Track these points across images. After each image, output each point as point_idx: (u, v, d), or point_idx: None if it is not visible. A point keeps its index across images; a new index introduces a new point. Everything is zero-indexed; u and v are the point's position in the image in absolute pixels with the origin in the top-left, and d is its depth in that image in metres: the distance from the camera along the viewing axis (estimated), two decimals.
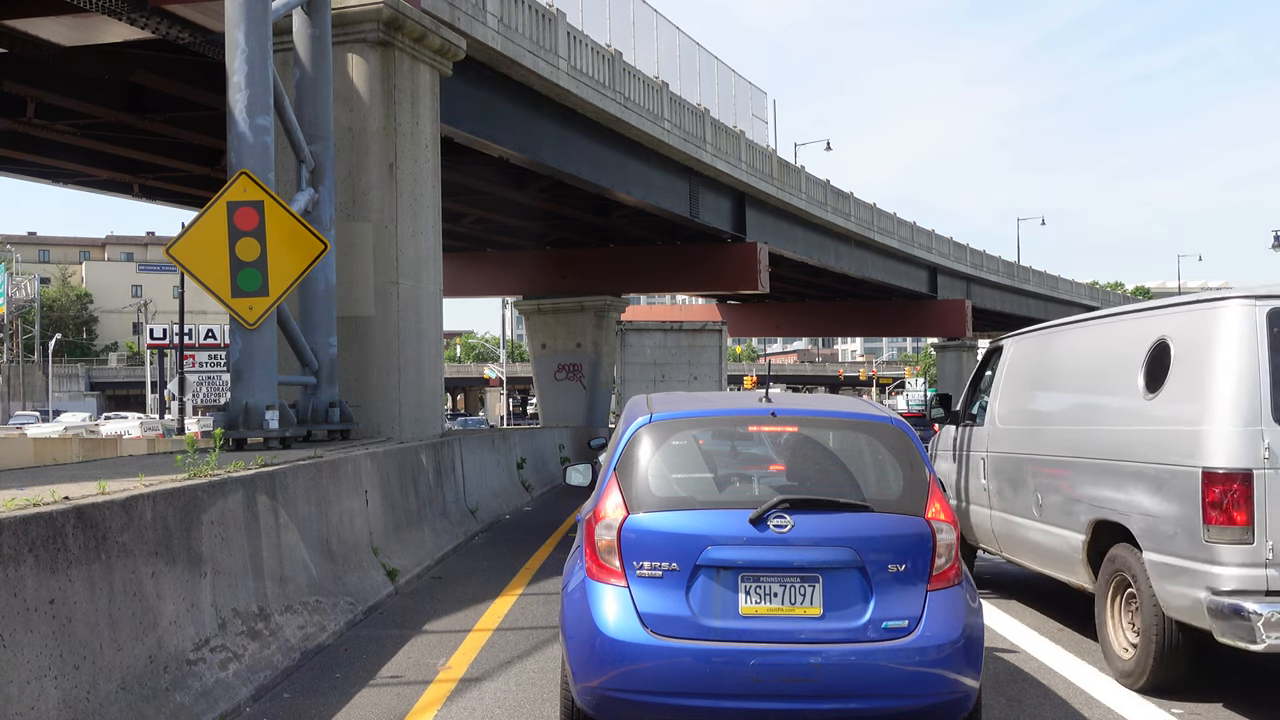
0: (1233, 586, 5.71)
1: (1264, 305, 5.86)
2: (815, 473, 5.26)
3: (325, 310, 12.37)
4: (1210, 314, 6.09)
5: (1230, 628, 5.68)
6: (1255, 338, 5.81)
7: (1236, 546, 5.70)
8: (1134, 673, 6.56)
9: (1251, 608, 5.56)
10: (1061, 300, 65.46)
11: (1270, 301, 5.87)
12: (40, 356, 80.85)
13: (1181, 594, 6.03)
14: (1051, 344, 8.50)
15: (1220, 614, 5.72)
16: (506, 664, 7.09)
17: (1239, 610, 5.60)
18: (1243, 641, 5.64)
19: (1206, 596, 5.81)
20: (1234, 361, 5.84)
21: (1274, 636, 5.51)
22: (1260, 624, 5.52)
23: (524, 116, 19.83)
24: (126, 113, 18.18)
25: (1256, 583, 5.67)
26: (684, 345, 27.97)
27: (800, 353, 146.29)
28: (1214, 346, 5.97)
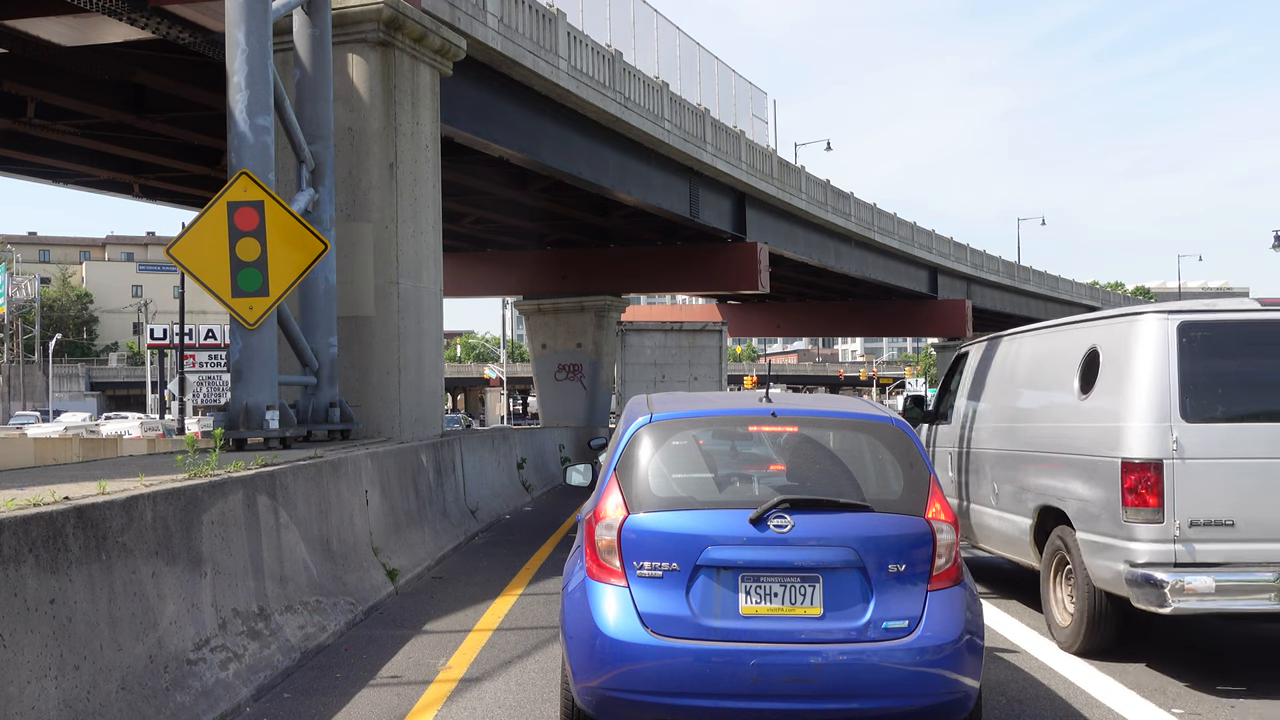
0: (1146, 559, 6.59)
1: (1175, 319, 6.79)
2: (815, 473, 5.26)
3: (325, 310, 12.37)
4: (1131, 325, 7.04)
5: (1144, 594, 6.55)
6: (1167, 347, 6.71)
7: (1150, 525, 6.60)
8: (1071, 639, 7.45)
9: (1161, 577, 6.44)
10: (1062, 300, 65.45)
11: (1180, 315, 6.81)
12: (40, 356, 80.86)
13: (1106, 567, 6.92)
14: (1007, 349, 9.30)
15: (1136, 583, 6.59)
16: (507, 664, 7.09)
17: (1151, 579, 6.49)
18: (1154, 606, 6.51)
19: (1125, 568, 6.69)
20: (1149, 366, 6.75)
21: (1179, 601, 6.38)
22: (1168, 590, 6.40)
23: (524, 116, 19.82)
24: (127, 113, 18.18)
25: (1166, 556, 6.57)
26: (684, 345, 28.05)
27: (800, 353, 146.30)
28: (1133, 354, 6.89)
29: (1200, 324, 6.78)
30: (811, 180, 35.45)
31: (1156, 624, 7.36)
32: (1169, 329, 6.75)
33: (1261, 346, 6.83)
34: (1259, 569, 6.47)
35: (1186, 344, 6.71)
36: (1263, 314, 6.87)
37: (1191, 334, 6.75)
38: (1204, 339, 6.76)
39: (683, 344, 28.16)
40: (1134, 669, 7.09)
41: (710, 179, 28.47)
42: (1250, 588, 6.44)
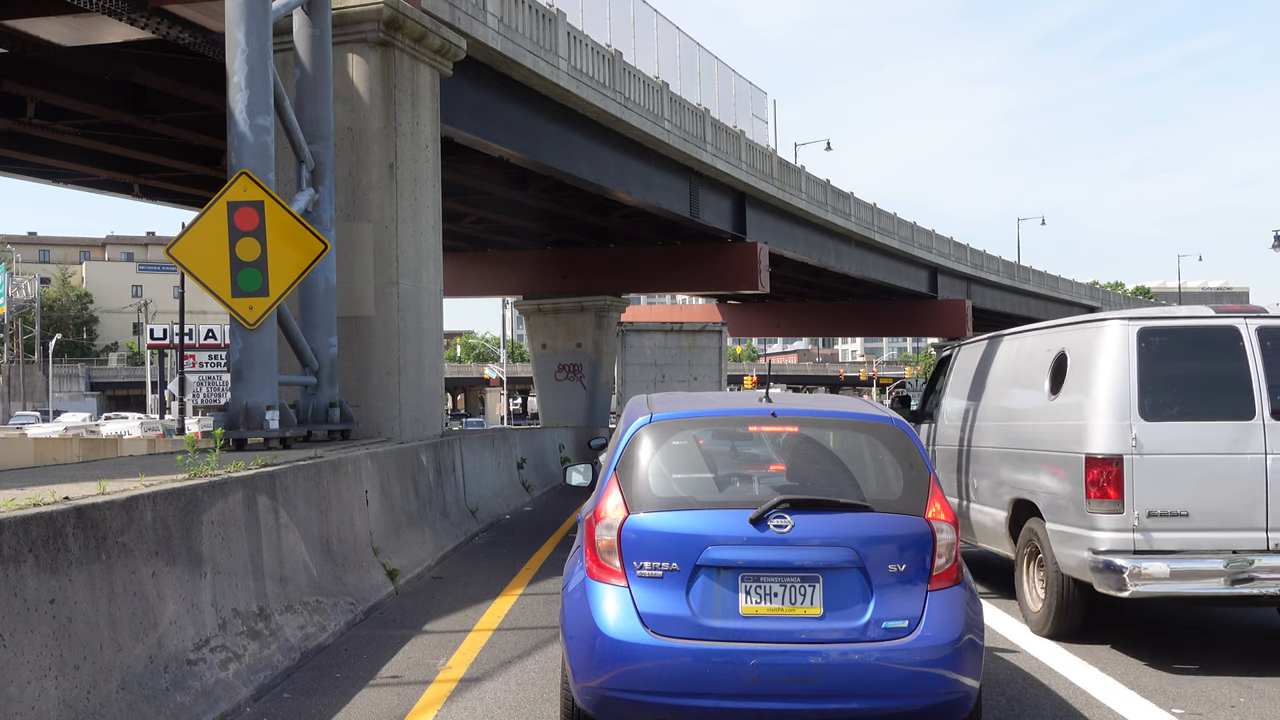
0: (1108, 547, 7.12)
1: (1135, 325, 7.36)
2: (815, 473, 5.26)
3: (325, 310, 12.36)
4: (1095, 331, 7.58)
5: (1105, 580, 7.07)
6: (1128, 351, 7.27)
7: (1111, 516, 7.12)
8: (1041, 623, 7.98)
9: (1120, 563, 6.98)
10: (1062, 300, 65.44)
11: (1140, 322, 7.39)
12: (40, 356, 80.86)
13: (1072, 555, 7.44)
14: (987, 352, 9.82)
15: (1098, 569, 7.12)
16: (507, 664, 7.09)
17: (1111, 566, 7.03)
18: (1114, 590, 7.04)
19: (1089, 556, 7.21)
20: (1111, 369, 7.29)
21: (1137, 586, 6.92)
22: (1127, 576, 6.94)
23: (524, 116, 19.82)
24: (127, 113, 18.18)
25: (1126, 544, 7.08)
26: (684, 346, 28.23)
27: (800, 353, 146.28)
28: (1097, 357, 7.43)
29: (1158, 330, 7.35)
30: (811, 180, 35.44)
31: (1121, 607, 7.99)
32: (1130, 334, 7.32)
33: (1214, 351, 7.33)
34: (1210, 556, 7.01)
35: (1146, 348, 7.28)
36: (1216, 320, 7.43)
37: (1150, 339, 7.32)
38: (1162, 344, 7.33)
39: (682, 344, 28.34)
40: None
41: (710, 179, 28.46)
42: (1202, 573, 6.98)
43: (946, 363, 10.99)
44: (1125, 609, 8.17)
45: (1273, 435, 7.12)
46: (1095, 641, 7.82)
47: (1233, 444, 7.12)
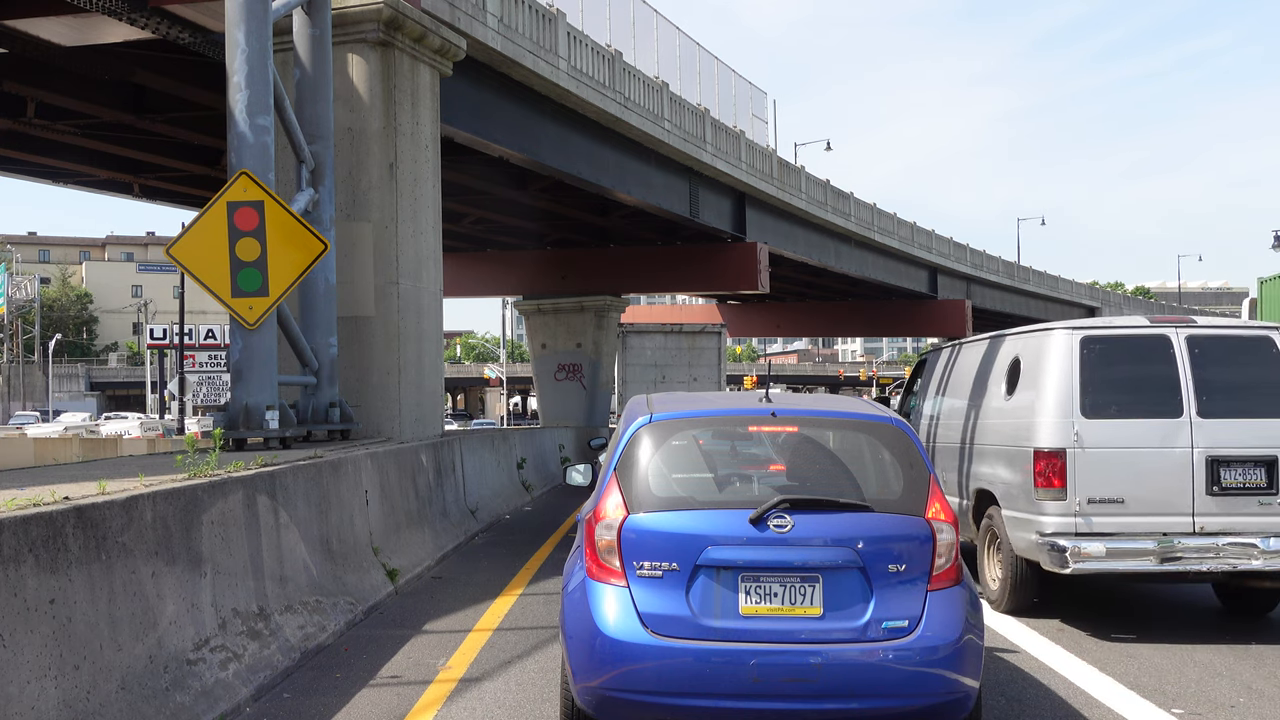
0: (1053, 530, 7.97)
1: (1078, 334, 8.24)
2: (815, 473, 5.26)
3: (325, 310, 12.36)
4: (1044, 339, 8.47)
5: (1051, 559, 7.92)
6: (1071, 357, 8.14)
7: (1055, 502, 7.98)
8: (999, 599, 8.84)
9: (1063, 544, 7.83)
10: (1061, 300, 65.41)
11: (1083, 331, 8.27)
12: (40, 356, 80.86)
13: (1023, 537, 8.30)
14: (955, 358, 10.78)
15: (1045, 550, 7.97)
16: (506, 664, 7.09)
17: (1055, 546, 7.87)
18: (1059, 568, 7.88)
19: (1036, 538, 8.06)
20: (1056, 373, 8.15)
21: (1078, 564, 7.77)
22: (1069, 555, 7.78)
23: (524, 116, 19.81)
24: (127, 113, 18.17)
25: (1069, 527, 7.94)
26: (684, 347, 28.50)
27: (800, 353, 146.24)
28: (1045, 362, 8.30)
29: (1098, 338, 8.25)
30: (811, 180, 35.43)
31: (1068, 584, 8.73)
32: (1073, 342, 8.21)
33: (1148, 356, 8.20)
34: (1142, 538, 7.86)
35: (1087, 355, 8.15)
36: (1149, 330, 8.31)
37: (1091, 346, 8.20)
38: (1101, 350, 8.20)
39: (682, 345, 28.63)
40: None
41: (710, 179, 28.45)
42: (1134, 553, 7.83)
43: (922, 366, 12.07)
44: (1073, 586, 8.95)
45: (1199, 431, 7.98)
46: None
47: (1163, 439, 7.98)
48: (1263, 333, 8.33)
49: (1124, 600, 9.58)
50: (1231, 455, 7.95)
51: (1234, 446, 7.97)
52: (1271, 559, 7.76)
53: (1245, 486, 7.94)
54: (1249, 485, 7.94)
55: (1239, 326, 8.56)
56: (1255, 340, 8.27)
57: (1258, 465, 7.95)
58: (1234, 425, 8.00)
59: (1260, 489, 7.94)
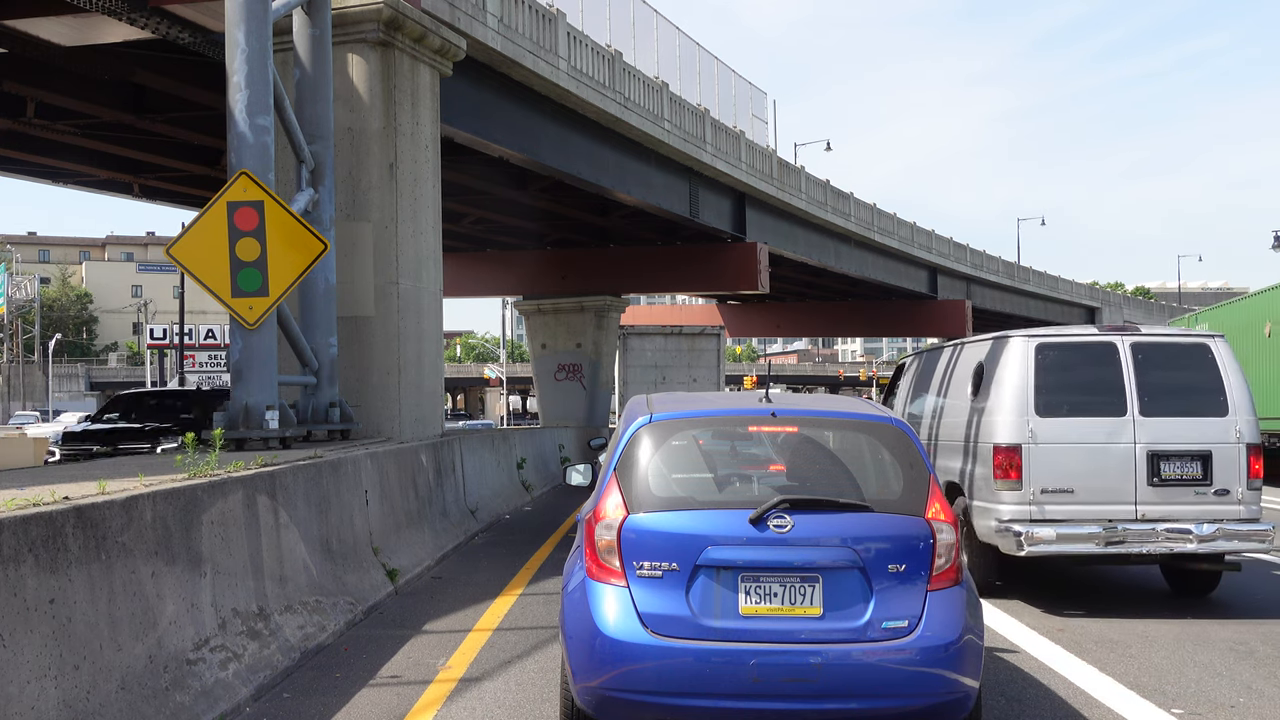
0: (1010, 517, 8.84)
1: (1034, 340, 9.15)
2: (815, 473, 5.26)
3: (325, 310, 12.36)
4: (1003, 345, 9.32)
5: (1008, 543, 8.80)
6: (1027, 362, 9.02)
7: (1012, 492, 8.85)
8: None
9: (1018, 529, 8.71)
10: (1061, 300, 65.41)
11: (1038, 338, 9.18)
12: (40, 356, 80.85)
13: (985, 524, 9.14)
14: (930, 363, 11.63)
15: (1002, 534, 8.86)
16: (506, 664, 7.09)
17: (1012, 531, 8.76)
18: (1015, 551, 8.75)
19: (995, 524, 8.93)
20: (1014, 376, 9.01)
21: (1031, 547, 8.65)
22: (1023, 539, 8.65)
23: (524, 116, 19.82)
24: (127, 113, 18.17)
25: (1024, 515, 8.82)
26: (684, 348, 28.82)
27: (800, 353, 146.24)
28: (1004, 367, 9.15)
29: (1051, 345, 9.12)
30: (811, 180, 35.43)
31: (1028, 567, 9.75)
32: (1029, 349, 9.08)
33: (1096, 361, 9.05)
34: (1089, 524, 8.73)
35: (1041, 360, 9.02)
36: (1097, 337, 9.15)
37: (1046, 352, 9.07)
38: (1054, 356, 9.06)
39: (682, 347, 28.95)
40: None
41: (710, 179, 28.46)
42: (1081, 537, 8.68)
43: (901, 370, 13.01)
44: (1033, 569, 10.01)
45: (1140, 429, 8.87)
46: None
47: (1109, 435, 8.85)
48: (1200, 340, 9.19)
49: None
50: (1170, 450, 8.85)
51: (1172, 442, 8.85)
52: (1205, 543, 8.70)
53: (1182, 478, 8.86)
54: (1186, 477, 8.86)
55: (1179, 334, 9.38)
56: (1193, 347, 9.16)
57: (1194, 459, 8.86)
58: (1173, 423, 8.89)
59: (1196, 480, 8.84)
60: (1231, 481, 8.86)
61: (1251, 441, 8.92)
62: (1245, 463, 8.87)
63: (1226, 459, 8.86)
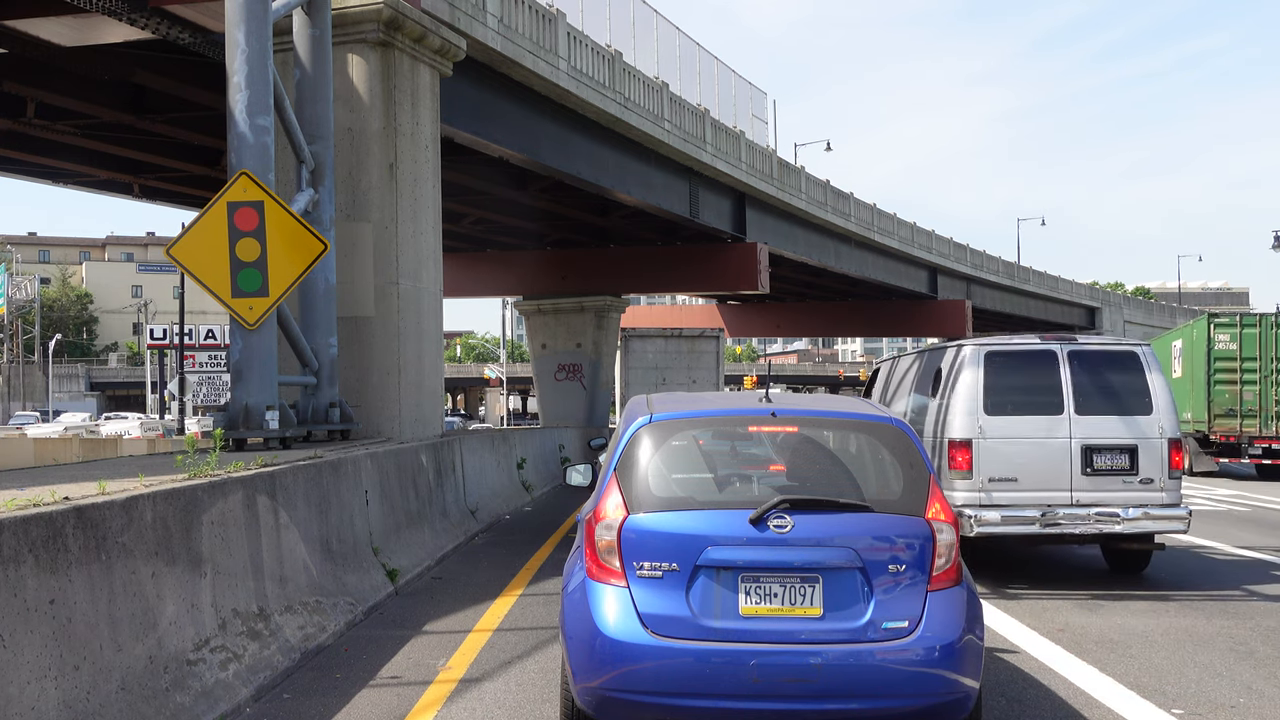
0: (961, 503, 9.80)
1: (984, 348, 10.31)
2: (815, 473, 5.26)
3: (325, 310, 12.36)
4: (959, 352, 10.49)
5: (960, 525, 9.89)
6: (978, 367, 10.14)
7: (964, 480, 9.91)
8: None
9: (968, 513, 9.72)
10: (1061, 300, 65.40)
11: (988, 346, 10.36)
12: (40, 357, 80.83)
13: None
14: (901, 367, 12.78)
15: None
16: (506, 664, 7.09)
17: (962, 515, 9.65)
18: (965, 533, 9.55)
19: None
20: (967, 380, 10.15)
21: (979, 528, 9.71)
22: (972, 521, 9.69)
23: (524, 116, 19.82)
24: (127, 113, 18.17)
25: (974, 500, 9.87)
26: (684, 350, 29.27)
27: (800, 353, 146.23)
28: (960, 371, 10.27)
29: (999, 352, 10.28)
30: (811, 180, 35.43)
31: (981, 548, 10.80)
32: (980, 355, 10.23)
33: (1037, 367, 10.19)
34: (1030, 508, 9.86)
35: (990, 365, 10.16)
36: (1039, 345, 10.31)
37: (994, 359, 10.21)
38: (1001, 362, 10.20)
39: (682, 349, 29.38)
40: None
41: (710, 179, 28.46)
42: (1023, 520, 9.81)
43: (877, 374, 14.18)
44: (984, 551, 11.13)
45: (1076, 425, 9.98)
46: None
47: (1048, 431, 9.97)
48: (1130, 348, 10.40)
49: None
50: (1101, 444, 9.99)
51: (1103, 437, 9.99)
52: (1130, 524, 9.90)
53: (1112, 469, 10.00)
54: (1115, 468, 10.00)
55: (1110, 343, 10.49)
56: (1123, 354, 10.32)
57: (1122, 452, 10.02)
58: (1104, 421, 10.02)
59: (1124, 470, 10.00)
60: (1155, 471, 9.98)
61: (1173, 436, 10.04)
62: (1167, 455, 10.00)
63: (1151, 452, 9.99)
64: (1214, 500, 19.82)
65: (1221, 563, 11.84)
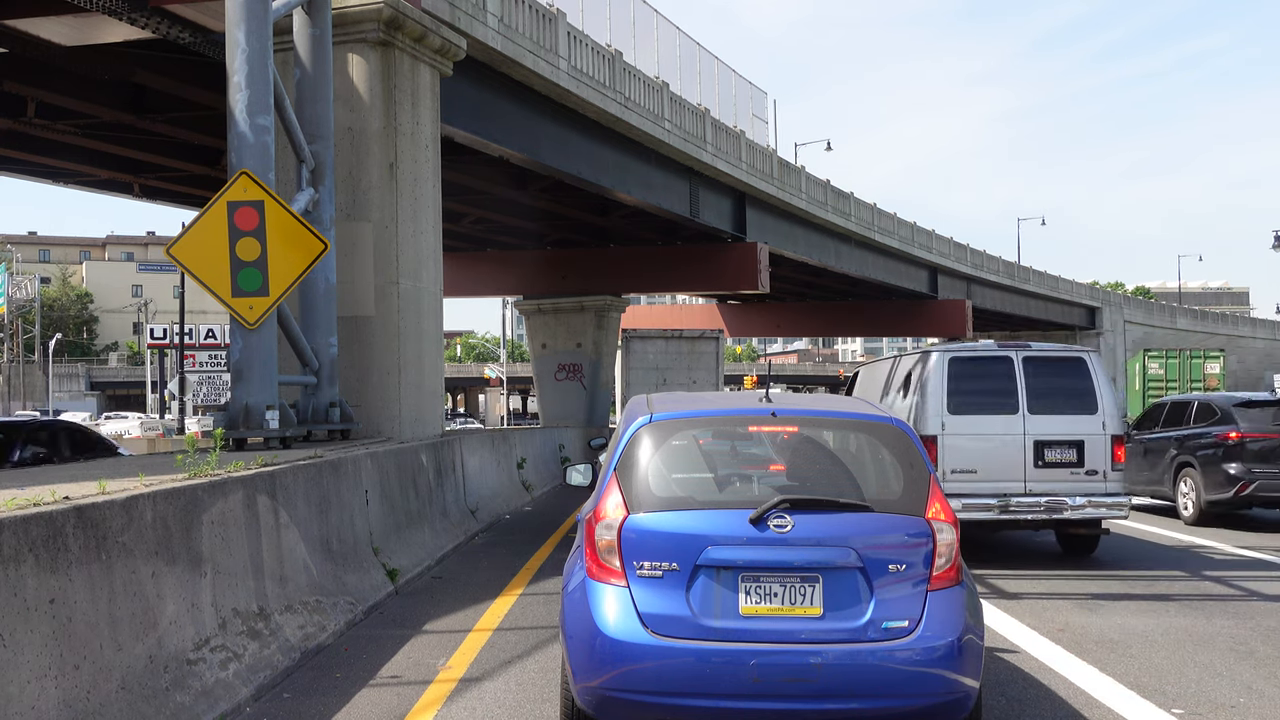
0: None
1: (948, 355, 11.49)
2: (815, 473, 5.26)
3: (325, 310, 12.36)
4: (926, 358, 11.63)
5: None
6: (943, 371, 11.35)
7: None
8: None
9: None
10: (1061, 300, 65.38)
11: (951, 353, 11.53)
12: (40, 356, 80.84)
13: None
14: (876, 371, 13.79)
15: None
16: (506, 664, 7.09)
17: None
18: None
19: None
20: (933, 382, 11.34)
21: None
22: None
23: (524, 116, 19.82)
24: (127, 113, 18.17)
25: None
26: (684, 351, 29.66)
27: (800, 353, 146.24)
28: (927, 375, 11.44)
29: (961, 358, 11.47)
30: (811, 180, 35.43)
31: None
32: (944, 361, 11.42)
33: (995, 371, 11.40)
34: (987, 497, 10.92)
35: (953, 369, 11.38)
36: (997, 352, 11.52)
37: (956, 364, 11.40)
38: (963, 367, 11.40)
39: (682, 350, 29.80)
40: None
41: (710, 179, 28.46)
42: (982, 507, 10.86)
43: (854, 377, 15.18)
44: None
45: (1029, 423, 11.17)
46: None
47: (1004, 428, 11.16)
48: (1077, 354, 11.57)
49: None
50: (1052, 440, 11.14)
51: (1053, 434, 11.14)
52: (1077, 511, 11.03)
53: (1061, 462, 11.13)
54: (1064, 461, 11.14)
55: (1061, 350, 11.66)
56: (1072, 360, 11.50)
57: (1070, 446, 11.15)
58: (1054, 419, 11.18)
59: (1072, 463, 11.13)
60: (1100, 464, 11.12)
61: (1115, 433, 11.15)
62: (1110, 450, 11.12)
63: (1096, 447, 11.12)
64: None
65: (1221, 562, 11.85)
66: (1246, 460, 14.77)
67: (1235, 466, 14.77)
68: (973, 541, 12.40)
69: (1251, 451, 14.79)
